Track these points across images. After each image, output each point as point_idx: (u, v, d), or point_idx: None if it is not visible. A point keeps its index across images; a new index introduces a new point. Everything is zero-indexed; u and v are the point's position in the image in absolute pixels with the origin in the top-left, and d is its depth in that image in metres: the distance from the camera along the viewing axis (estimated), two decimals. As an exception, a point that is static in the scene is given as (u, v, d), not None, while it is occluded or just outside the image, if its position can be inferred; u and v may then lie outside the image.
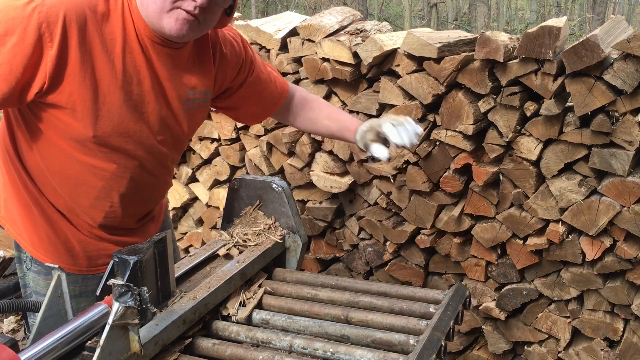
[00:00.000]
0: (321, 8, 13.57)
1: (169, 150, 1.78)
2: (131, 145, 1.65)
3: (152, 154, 1.72)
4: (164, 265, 1.41)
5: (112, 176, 1.66)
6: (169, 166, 1.85)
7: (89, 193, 1.67)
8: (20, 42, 1.39)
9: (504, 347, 2.61)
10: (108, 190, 1.68)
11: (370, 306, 1.64)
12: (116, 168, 1.65)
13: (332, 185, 2.76)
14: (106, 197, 1.69)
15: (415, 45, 2.32)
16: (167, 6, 1.51)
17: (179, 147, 1.85)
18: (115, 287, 1.17)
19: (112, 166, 1.65)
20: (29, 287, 1.79)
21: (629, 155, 2.08)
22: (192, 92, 1.73)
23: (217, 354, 1.45)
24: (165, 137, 1.73)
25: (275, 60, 2.78)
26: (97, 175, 1.64)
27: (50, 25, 1.41)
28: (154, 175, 1.78)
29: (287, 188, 1.92)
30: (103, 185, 1.67)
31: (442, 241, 2.59)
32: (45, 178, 1.65)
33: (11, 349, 1.06)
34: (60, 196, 1.68)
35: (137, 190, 1.75)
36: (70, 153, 1.60)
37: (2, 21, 1.38)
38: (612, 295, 2.29)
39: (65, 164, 1.62)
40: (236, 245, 1.83)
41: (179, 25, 1.53)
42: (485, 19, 16.81)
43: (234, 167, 3.12)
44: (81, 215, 1.72)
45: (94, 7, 1.49)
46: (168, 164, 1.84)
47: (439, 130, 2.40)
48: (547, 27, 2.05)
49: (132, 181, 1.71)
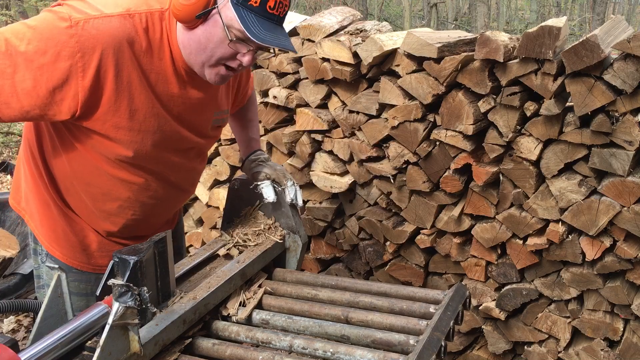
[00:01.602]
0: (321, 8, 13.56)
1: (196, 165, 1.84)
2: (162, 167, 1.68)
3: (180, 171, 1.76)
4: (164, 265, 1.41)
5: (139, 189, 1.68)
6: (194, 178, 1.90)
7: (113, 202, 1.69)
8: (51, 64, 1.38)
9: (504, 347, 2.61)
10: (133, 200, 1.70)
11: (370, 306, 1.64)
12: (144, 182, 1.68)
13: (332, 185, 2.76)
14: (130, 206, 1.71)
15: (415, 45, 2.32)
16: (212, 62, 1.53)
17: (203, 159, 1.90)
18: (115, 287, 1.17)
19: (140, 180, 1.67)
20: (42, 279, 1.81)
21: (629, 155, 2.08)
22: (219, 112, 1.78)
23: (217, 354, 1.45)
24: (194, 155, 1.79)
25: (275, 60, 2.78)
26: (125, 187, 1.66)
27: (85, 55, 1.40)
28: (179, 188, 1.82)
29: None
30: (129, 196, 1.68)
31: (442, 241, 2.59)
32: (70, 183, 1.67)
33: (11, 349, 1.06)
34: (83, 201, 1.69)
35: (161, 201, 1.77)
36: (101, 166, 1.61)
37: (39, 38, 1.37)
38: (612, 295, 2.29)
39: (93, 174, 1.63)
40: (236, 246, 1.83)
41: (219, 79, 1.57)
42: (485, 19, 16.80)
43: (234, 167, 3.12)
44: (101, 221, 1.73)
45: (133, 39, 1.47)
46: (194, 175, 1.89)
47: (439, 130, 2.40)
48: (547, 27, 2.05)
49: (158, 192, 1.73)
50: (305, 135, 2.78)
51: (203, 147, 1.82)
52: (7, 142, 8.40)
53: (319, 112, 2.72)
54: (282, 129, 2.83)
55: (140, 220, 1.76)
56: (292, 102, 2.78)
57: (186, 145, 1.72)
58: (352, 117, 2.63)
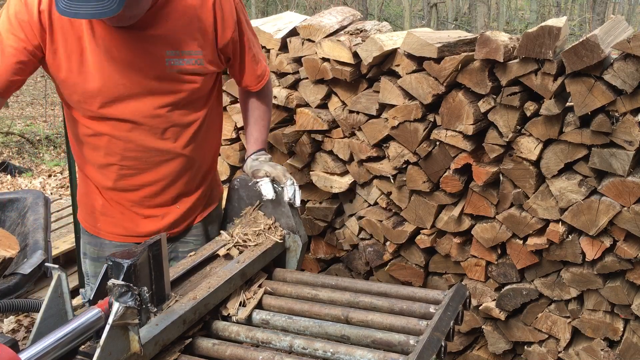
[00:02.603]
0: (321, 8, 13.56)
1: (173, 116, 1.81)
2: (119, 112, 1.76)
3: (147, 119, 1.78)
4: (158, 268, 1.41)
5: (109, 137, 1.80)
6: (179, 133, 1.85)
7: (96, 152, 1.84)
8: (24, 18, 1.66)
9: (504, 347, 2.61)
10: (111, 151, 1.81)
11: (370, 306, 1.64)
12: (110, 129, 1.79)
13: (332, 185, 2.76)
14: (111, 156, 1.83)
15: (415, 45, 2.32)
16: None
17: (186, 113, 1.85)
18: (116, 287, 1.17)
19: (105, 127, 1.79)
20: (84, 253, 2.04)
21: (629, 155, 2.08)
22: (175, 52, 1.76)
23: (217, 354, 1.45)
24: (162, 103, 1.78)
25: (275, 60, 2.78)
26: (97, 136, 1.80)
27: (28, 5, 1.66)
28: (157, 142, 1.82)
29: (287, 188, 1.92)
30: (105, 145, 1.81)
31: (442, 241, 2.59)
32: (73, 140, 1.90)
33: (11, 349, 1.06)
34: (83, 156, 1.89)
35: (140, 155, 1.82)
36: (74, 116, 1.81)
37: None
38: (612, 295, 2.29)
39: (74, 125, 1.84)
40: (236, 246, 1.83)
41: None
42: (485, 19, 16.81)
43: (234, 167, 3.12)
44: (98, 175, 1.88)
45: None
46: (178, 131, 1.84)
47: (439, 130, 2.40)
48: (547, 27, 2.05)
49: (130, 144, 1.80)
50: (305, 135, 2.78)
51: (169, 94, 1.78)
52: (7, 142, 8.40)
53: (319, 112, 2.72)
54: (282, 129, 2.83)
55: (130, 177, 1.85)
56: (292, 102, 2.78)
57: (137, 88, 1.74)
58: (352, 117, 2.63)
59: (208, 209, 2.04)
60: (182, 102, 1.82)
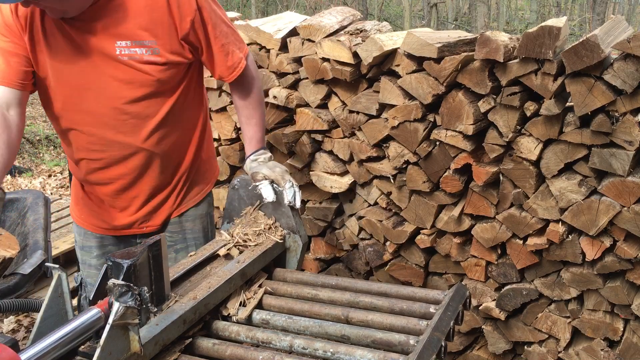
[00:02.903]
0: (321, 8, 13.56)
1: (129, 107, 1.80)
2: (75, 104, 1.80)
3: (104, 111, 1.80)
4: (158, 269, 1.41)
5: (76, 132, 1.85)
6: (136, 125, 1.83)
7: (68, 144, 1.90)
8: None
9: (504, 347, 2.61)
10: (77, 146, 1.88)
11: (370, 306, 1.64)
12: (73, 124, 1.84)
13: (332, 185, 2.76)
14: (79, 152, 1.88)
15: (415, 45, 2.32)
16: None
17: (147, 105, 1.82)
18: (116, 287, 1.17)
19: (70, 123, 1.84)
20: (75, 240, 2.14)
21: (629, 155, 2.08)
22: (126, 42, 1.75)
23: (217, 354, 1.45)
24: (116, 94, 1.78)
25: (275, 61, 2.78)
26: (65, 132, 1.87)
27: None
28: (116, 134, 1.83)
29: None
30: (73, 140, 1.87)
31: (442, 241, 2.59)
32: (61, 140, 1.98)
33: (11, 349, 1.06)
34: (65, 152, 1.96)
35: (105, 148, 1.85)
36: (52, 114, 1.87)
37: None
38: (612, 295, 2.29)
39: (53, 124, 1.92)
40: (236, 245, 1.83)
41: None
42: (485, 19, 16.80)
43: (234, 167, 3.12)
44: (75, 166, 1.94)
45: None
46: (136, 124, 1.83)
47: (439, 130, 2.40)
48: (547, 27, 2.05)
49: (93, 136, 1.83)
50: (305, 135, 2.78)
51: (125, 86, 1.78)
52: (7, 142, 8.34)
53: (319, 112, 2.72)
54: (282, 129, 2.83)
55: (99, 170, 1.89)
56: (292, 102, 2.78)
57: (92, 81, 1.76)
58: (352, 117, 2.63)
59: (184, 205, 2.03)
60: (140, 94, 1.80)
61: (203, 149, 2.06)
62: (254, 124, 2.04)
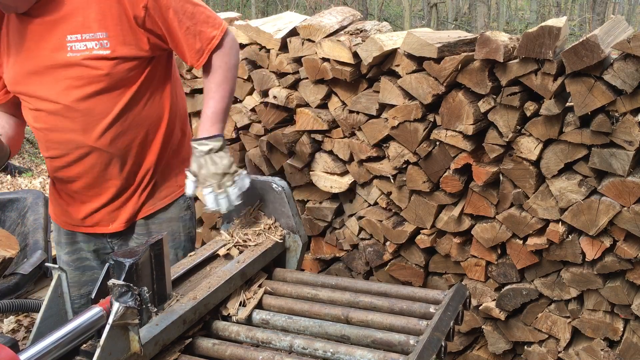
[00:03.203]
0: (321, 8, 13.56)
1: (79, 103, 1.75)
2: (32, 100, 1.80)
3: (57, 107, 1.78)
4: (160, 268, 1.41)
5: (37, 130, 1.85)
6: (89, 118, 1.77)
7: (40, 147, 1.91)
8: None
9: (504, 347, 2.61)
10: (42, 144, 1.88)
11: (370, 306, 1.64)
12: (34, 121, 1.84)
13: (332, 185, 2.76)
14: (44, 151, 1.89)
15: (415, 45, 2.32)
16: None
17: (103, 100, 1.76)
18: (116, 287, 1.17)
19: (31, 120, 1.85)
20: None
21: (629, 155, 2.08)
22: (77, 36, 1.70)
23: (217, 354, 1.45)
24: (69, 86, 1.74)
25: (275, 61, 2.78)
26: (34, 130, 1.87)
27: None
28: (73, 125, 1.78)
29: (287, 188, 1.92)
30: (39, 138, 1.87)
31: (442, 241, 2.59)
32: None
33: (11, 349, 1.06)
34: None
35: (62, 146, 1.83)
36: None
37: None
38: (612, 295, 2.29)
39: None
40: (236, 245, 1.83)
41: None
42: (485, 19, 16.80)
43: (234, 167, 3.12)
44: (47, 166, 1.95)
45: None
46: (89, 119, 1.77)
47: (439, 130, 2.40)
48: (547, 27, 2.05)
49: (51, 134, 1.82)
50: (305, 135, 2.78)
51: (76, 82, 1.73)
52: (7, 142, 8.34)
53: (319, 112, 2.72)
54: (282, 129, 2.83)
55: (62, 169, 1.87)
56: (292, 102, 2.78)
57: (45, 77, 1.75)
58: (352, 117, 2.63)
59: (150, 207, 1.95)
60: (90, 91, 1.73)
61: (171, 150, 1.95)
62: (208, 97, 1.83)
